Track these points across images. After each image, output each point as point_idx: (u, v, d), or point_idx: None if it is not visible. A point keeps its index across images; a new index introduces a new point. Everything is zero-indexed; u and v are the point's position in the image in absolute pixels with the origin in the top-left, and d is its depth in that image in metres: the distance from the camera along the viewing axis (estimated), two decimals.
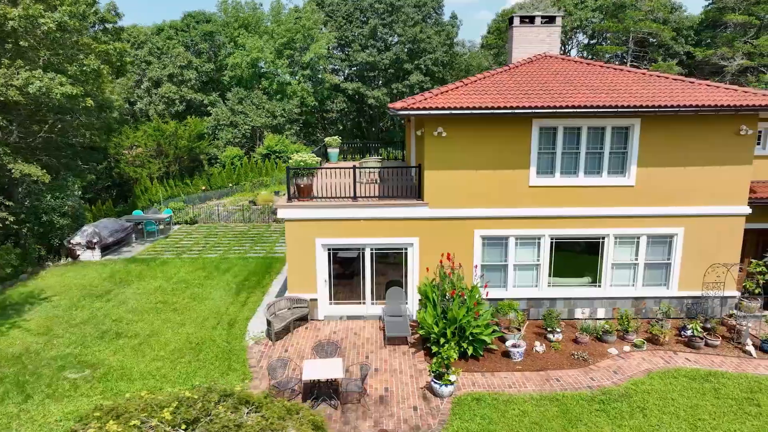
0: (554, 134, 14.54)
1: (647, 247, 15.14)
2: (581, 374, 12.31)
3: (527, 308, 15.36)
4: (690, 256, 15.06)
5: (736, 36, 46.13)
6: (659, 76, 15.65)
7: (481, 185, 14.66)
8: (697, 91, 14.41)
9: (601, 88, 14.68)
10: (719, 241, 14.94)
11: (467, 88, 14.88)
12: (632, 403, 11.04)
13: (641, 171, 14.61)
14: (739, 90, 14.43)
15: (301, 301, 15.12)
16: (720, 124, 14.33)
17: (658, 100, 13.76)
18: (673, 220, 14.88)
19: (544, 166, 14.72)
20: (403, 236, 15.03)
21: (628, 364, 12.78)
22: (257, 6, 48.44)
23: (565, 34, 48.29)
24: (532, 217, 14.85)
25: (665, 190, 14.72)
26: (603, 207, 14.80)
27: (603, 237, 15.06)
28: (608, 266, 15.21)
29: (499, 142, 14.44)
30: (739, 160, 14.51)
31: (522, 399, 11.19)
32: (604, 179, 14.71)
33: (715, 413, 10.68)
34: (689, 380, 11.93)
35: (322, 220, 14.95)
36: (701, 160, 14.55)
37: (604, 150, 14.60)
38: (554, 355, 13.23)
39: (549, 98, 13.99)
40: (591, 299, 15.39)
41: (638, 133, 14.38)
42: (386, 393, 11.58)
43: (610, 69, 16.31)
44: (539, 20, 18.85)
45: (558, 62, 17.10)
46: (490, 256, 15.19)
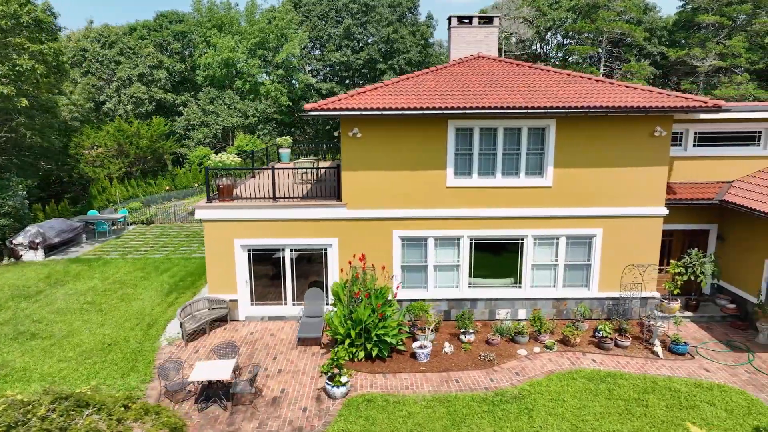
0: (471, 135, 14.54)
1: (567, 248, 15.16)
2: (482, 375, 12.31)
3: (448, 309, 15.37)
4: (609, 257, 15.08)
5: (708, 37, 46.22)
6: (582, 77, 15.67)
7: (398, 186, 14.67)
8: (613, 93, 14.41)
9: (520, 89, 14.69)
10: (638, 242, 14.96)
11: (387, 89, 14.89)
12: (522, 404, 11.04)
13: (558, 172, 14.63)
14: (654, 91, 14.45)
15: (221, 301, 15.11)
16: (635, 126, 14.35)
17: (570, 101, 13.76)
18: (591, 221, 14.90)
19: (461, 167, 14.73)
20: (322, 237, 15.04)
21: (533, 365, 12.79)
22: (231, 6, 48.39)
23: (539, 35, 48.31)
24: (450, 218, 14.85)
25: (583, 191, 14.73)
26: (521, 208, 14.81)
27: (522, 238, 15.07)
28: (528, 267, 15.22)
29: (416, 143, 14.44)
30: (655, 161, 14.53)
31: (413, 400, 11.20)
32: (521, 180, 14.73)
33: (600, 414, 10.70)
34: (587, 381, 11.94)
35: (241, 221, 14.95)
36: (618, 161, 14.56)
37: (521, 151, 14.60)
38: (462, 356, 13.23)
39: (464, 99, 13.99)
40: (512, 300, 15.40)
41: (554, 134, 14.40)
42: (282, 394, 11.58)
43: (537, 70, 16.33)
44: (477, 21, 18.84)
45: (488, 63, 17.12)
46: (409, 257, 15.19)
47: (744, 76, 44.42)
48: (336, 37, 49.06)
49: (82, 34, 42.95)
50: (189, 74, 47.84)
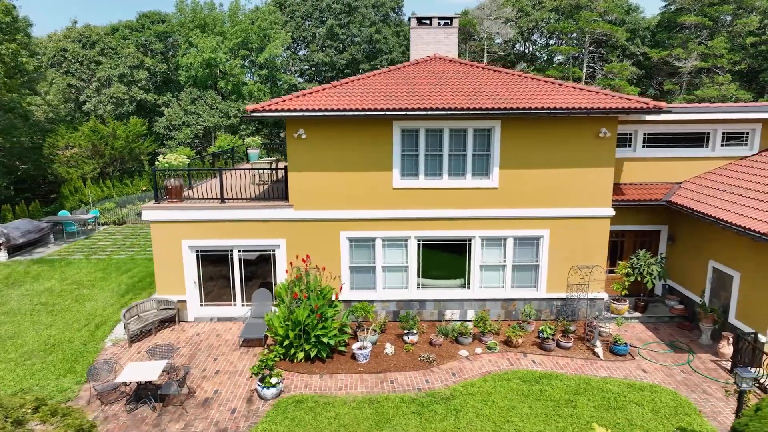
0: (417, 136, 14.56)
1: (514, 249, 15.18)
2: (419, 376, 12.33)
3: (398, 309, 15.38)
4: (557, 258, 15.10)
5: (690, 37, 46.28)
6: (533, 78, 15.70)
7: (345, 187, 14.68)
8: (559, 94, 14.44)
9: (467, 90, 14.71)
10: (586, 243, 14.98)
11: (335, 90, 14.91)
12: (451, 405, 11.06)
13: (504, 173, 14.65)
14: (599, 93, 14.48)
15: (169, 302, 15.12)
16: (580, 127, 14.38)
17: (514, 103, 13.79)
18: (538, 222, 14.92)
19: (408, 168, 14.74)
20: (270, 238, 15.05)
21: (472, 366, 12.81)
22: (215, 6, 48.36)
23: (522, 35, 48.33)
24: (397, 219, 14.87)
25: (529, 192, 14.75)
26: (468, 209, 14.84)
27: (470, 239, 15.09)
28: (476, 268, 15.25)
29: (362, 143, 14.45)
30: (601, 162, 14.56)
31: (344, 401, 11.21)
32: (468, 181, 14.75)
33: (527, 415, 10.72)
34: (521, 382, 11.96)
35: (188, 222, 14.95)
36: (564, 163, 14.59)
37: (467, 152, 14.63)
38: (403, 357, 13.25)
39: (408, 100, 14.01)
40: (461, 301, 15.42)
41: (499, 135, 14.42)
42: (214, 395, 11.59)
43: (489, 71, 16.36)
44: (436, 22, 18.86)
45: (443, 64, 17.14)
46: (358, 258, 15.21)
47: (726, 76, 44.46)
48: (320, 37, 49.08)
49: (63, 35, 42.89)
50: (172, 74, 47.82)
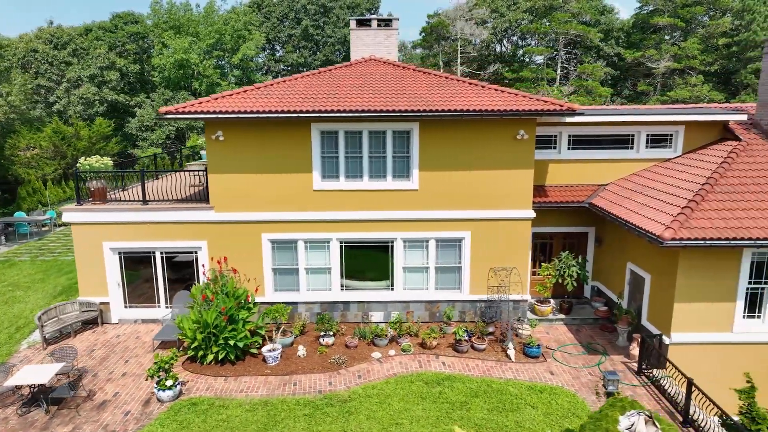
0: (336, 138, 14.56)
1: (437, 251, 15.18)
2: (324, 378, 12.32)
3: (322, 311, 15.36)
4: (479, 260, 15.10)
5: (663, 39, 46.38)
6: (459, 80, 15.72)
7: (266, 189, 14.67)
8: (478, 96, 14.46)
9: (388, 92, 14.72)
10: (508, 244, 14.99)
11: (257, 92, 14.91)
12: (346, 407, 11.06)
13: (424, 175, 14.66)
14: (519, 95, 14.51)
15: (91, 304, 15.10)
16: (498, 129, 14.39)
17: (430, 105, 13.80)
18: (459, 224, 14.93)
19: (329, 170, 14.74)
20: (191, 240, 15.03)
21: (381, 368, 12.81)
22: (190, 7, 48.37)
23: (495, 36, 48.37)
24: (318, 221, 14.86)
25: (450, 194, 14.76)
26: (389, 211, 14.83)
27: (392, 241, 15.09)
28: (400, 270, 15.25)
29: (282, 146, 14.45)
30: (521, 164, 14.57)
31: (239, 403, 11.20)
32: (388, 183, 14.75)
33: (419, 418, 10.72)
34: (424, 384, 11.96)
35: (110, 224, 14.93)
36: (483, 165, 14.60)
37: (387, 154, 14.63)
38: (315, 359, 13.24)
39: (326, 102, 14.00)
40: (385, 303, 15.41)
41: (417, 137, 14.42)
42: (113, 397, 11.57)
43: (419, 73, 16.39)
44: (376, 23, 18.88)
45: (375, 65, 17.16)
46: (280, 260, 15.20)
47: (698, 77, 44.57)
48: (295, 38, 49.08)
49: (34, 35, 42.83)
50: (147, 75, 47.78)
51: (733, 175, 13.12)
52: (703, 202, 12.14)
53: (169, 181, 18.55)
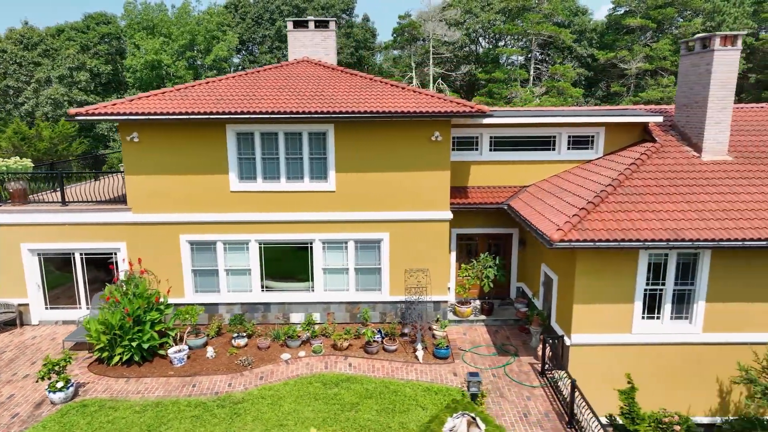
0: (252, 139, 14.57)
1: (356, 252, 15.20)
2: (226, 380, 12.33)
3: (242, 312, 15.38)
4: (398, 261, 15.12)
5: (635, 40, 46.46)
6: (382, 82, 15.74)
7: (183, 190, 14.67)
8: (396, 98, 14.48)
9: (307, 94, 14.73)
10: (426, 245, 15.00)
11: (176, 93, 14.91)
12: (236, 409, 11.07)
13: (341, 176, 14.68)
14: (435, 96, 14.54)
15: (8, 306, 15.09)
16: (414, 131, 14.42)
17: (343, 106, 13.83)
18: (377, 225, 14.94)
19: (246, 172, 14.75)
20: (110, 241, 15.02)
21: (286, 369, 12.82)
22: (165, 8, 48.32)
23: (468, 37, 48.40)
24: (236, 222, 14.86)
25: (367, 196, 14.78)
26: (307, 212, 14.85)
27: (310, 242, 15.11)
28: (319, 271, 15.26)
29: (198, 147, 14.45)
30: (437, 165, 14.60)
31: (130, 405, 11.21)
32: (305, 184, 14.77)
33: (305, 419, 10.73)
34: (322, 386, 11.97)
35: (28, 225, 14.92)
36: (400, 166, 14.62)
37: (303, 155, 14.65)
38: (223, 360, 13.24)
39: (240, 104, 14.01)
40: (305, 304, 15.43)
41: (333, 138, 14.45)
42: (7, 400, 11.56)
43: (347, 75, 16.40)
44: (313, 25, 18.86)
45: (307, 67, 17.15)
46: (200, 261, 15.20)
47: (670, 78, 44.65)
48: (269, 38, 49.10)
49: (5, 35, 42.77)
50: (121, 76, 47.73)
51: (639, 176, 13.16)
52: (602, 203, 12.17)
53: (106, 183, 18.54)
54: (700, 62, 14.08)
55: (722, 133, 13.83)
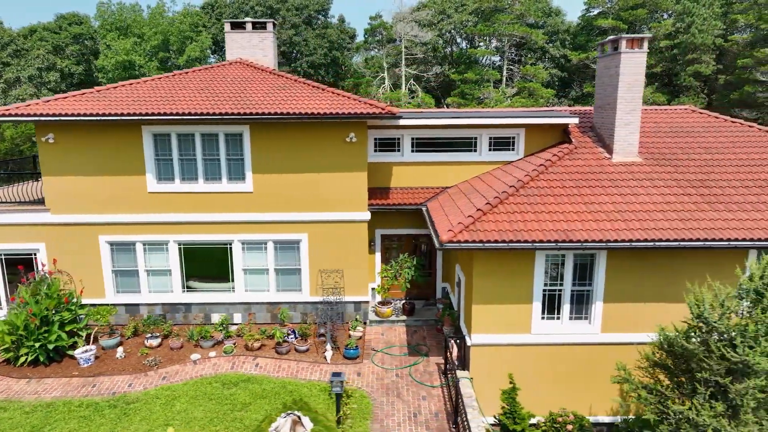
0: (169, 140, 14.62)
1: (276, 253, 15.26)
2: (128, 380, 12.38)
3: (164, 313, 15.43)
4: (318, 262, 15.19)
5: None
6: (305, 83, 15.81)
7: (102, 191, 14.71)
8: (311, 99, 14.55)
9: (225, 95, 14.79)
10: (345, 246, 15.07)
11: (96, 94, 14.95)
12: (128, 409, 11.13)
13: (258, 177, 14.74)
14: (350, 98, 14.62)
15: None
16: (330, 132, 14.49)
17: (258, 108, 13.88)
18: (296, 226, 15.01)
19: (164, 173, 14.80)
20: (29, 242, 15.04)
21: (192, 369, 12.86)
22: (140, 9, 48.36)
23: (441, 37, 48.50)
24: (155, 222, 14.91)
25: (285, 196, 14.84)
26: (225, 213, 14.91)
27: (230, 243, 15.17)
28: (240, 272, 15.32)
29: (115, 148, 14.50)
30: (353, 167, 14.67)
31: (22, 405, 11.26)
32: (223, 185, 14.83)
33: (193, 419, 10.79)
34: (221, 386, 12.03)
35: None
36: (317, 167, 14.69)
37: (221, 156, 14.71)
38: (132, 360, 13.29)
39: (153, 105, 14.04)
40: (227, 304, 15.49)
41: (249, 139, 14.51)
42: None
43: (274, 76, 16.45)
44: (250, 26, 18.90)
45: (237, 68, 17.21)
46: (120, 262, 15.24)
47: None
48: None
49: None
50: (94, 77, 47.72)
51: (546, 178, 13.24)
52: (500, 204, 12.24)
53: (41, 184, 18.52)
54: (611, 64, 14.18)
55: (632, 134, 13.92)
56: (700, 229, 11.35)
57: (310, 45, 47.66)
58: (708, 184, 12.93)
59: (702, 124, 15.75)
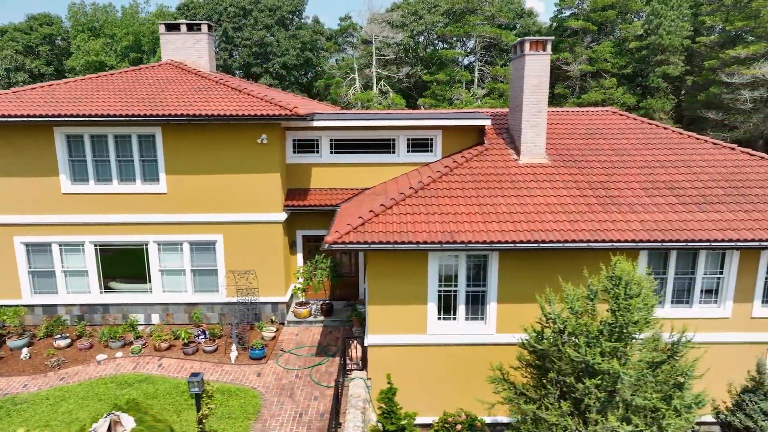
0: (82, 142, 14.67)
1: (192, 254, 15.32)
2: (24, 380, 12.44)
3: (82, 314, 15.47)
4: (234, 263, 15.24)
5: (577, 42, 46.74)
6: (225, 85, 15.84)
7: (17, 192, 14.74)
8: (224, 101, 14.60)
9: (140, 96, 14.83)
10: (260, 246, 15.14)
11: (8, 96, 14.94)
12: (14, 410, 11.18)
13: (173, 178, 14.80)
14: (263, 100, 14.64)
15: None
16: (243, 133, 14.56)
17: (169, 110, 13.93)
18: (211, 227, 15.07)
19: (78, 174, 14.85)
20: None
21: (93, 370, 12.92)
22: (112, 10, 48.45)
23: (413, 38, 48.60)
24: (70, 224, 14.95)
25: (200, 198, 14.90)
26: (140, 214, 14.96)
27: (145, 243, 15.21)
28: (157, 272, 15.37)
29: (29, 149, 14.55)
30: (267, 168, 14.75)
31: None
32: (138, 186, 14.88)
33: (74, 420, 10.85)
34: (116, 386, 12.09)
35: None
36: (231, 168, 14.76)
37: (134, 158, 14.77)
38: (36, 361, 13.33)
39: (64, 107, 14.08)
40: (145, 305, 15.54)
41: (161, 141, 14.57)
42: None
43: (195, 78, 16.51)
44: (185, 28, 18.95)
45: (165, 70, 17.26)
46: (37, 263, 15.27)
47: (611, 80, 44.95)
48: (216, 40, 49.12)
49: None
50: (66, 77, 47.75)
51: (449, 179, 13.32)
52: (396, 206, 12.31)
53: None
54: (519, 66, 14.27)
55: (538, 136, 14.01)
56: (586, 231, 11.45)
57: (282, 46, 47.72)
58: (607, 186, 13.03)
59: (619, 126, 15.85)
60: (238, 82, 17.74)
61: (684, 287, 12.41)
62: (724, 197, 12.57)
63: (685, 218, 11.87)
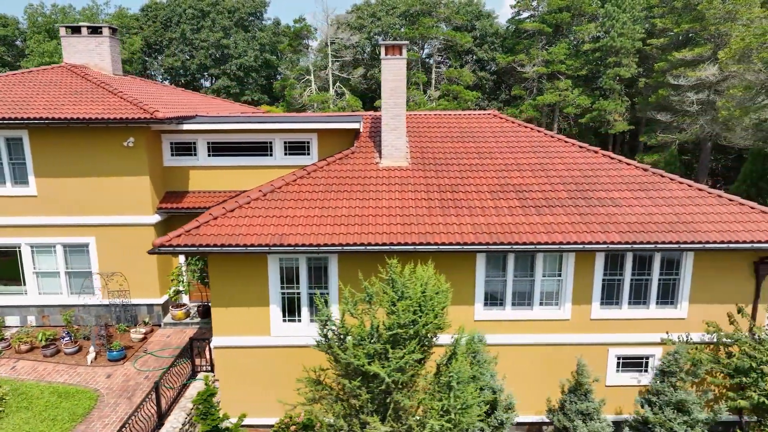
0: None
1: (66, 256, 15.40)
2: None
3: None
4: (109, 265, 15.33)
5: (533, 44, 46.96)
6: (104, 88, 15.92)
7: None
8: (92, 103, 14.70)
9: (9, 101, 14.90)
10: (133, 248, 15.19)
11: None
12: None
13: (42, 181, 14.89)
14: (131, 103, 14.74)
15: None
16: (110, 137, 14.66)
17: (32, 113, 14.02)
18: (83, 229, 15.17)
19: None
20: None
21: None
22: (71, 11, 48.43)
23: (369, 41, 48.76)
24: None
25: (71, 200, 14.99)
26: (11, 216, 15.04)
27: (18, 246, 15.29)
28: (31, 274, 15.44)
29: None
30: (136, 171, 14.85)
31: None
32: (7, 189, 14.99)
33: None
34: None
35: None
36: (100, 171, 14.87)
37: (3, 160, 14.87)
38: None
39: None
40: (20, 307, 15.61)
41: (28, 143, 14.66)
42: None
43: (86, 81, 16.57)
44: (86, 31, 19.06)
45: (54, 73, 17.32)
46: None
47: (566, 82, 45.19)
48: (175, 42, 49.21)
49: None
50: None
51: (303, 183, 13.40)
52: (238, 209, 12.40)
53: None
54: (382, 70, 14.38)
55: (399, 139, 14.13)
56: (416, 234, 11.56)
57: (240, 47, 47.82)
58: (456, 189, 13.14)
59: (494, 130, 15.99)
60: (129, 84, 17.80)
61: (525, 289, 12.56)
62: (567, 200, 12.71)
63: (520, 221, 11.99)
